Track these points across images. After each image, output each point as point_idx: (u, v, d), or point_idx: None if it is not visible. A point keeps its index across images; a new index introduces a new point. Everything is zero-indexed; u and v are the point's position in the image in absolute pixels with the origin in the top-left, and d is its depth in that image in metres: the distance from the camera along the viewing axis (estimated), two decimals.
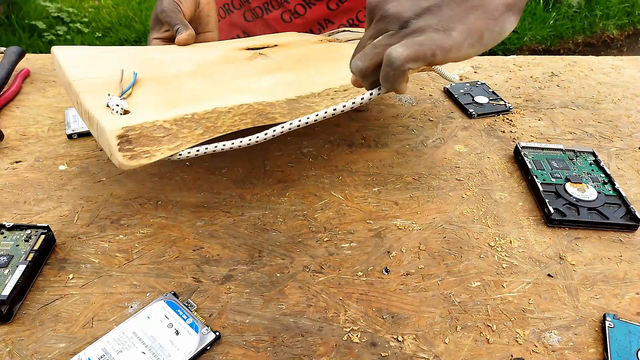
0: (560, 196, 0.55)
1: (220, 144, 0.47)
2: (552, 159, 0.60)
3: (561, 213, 0.53)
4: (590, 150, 0.62)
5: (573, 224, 0.53)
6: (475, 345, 0.42)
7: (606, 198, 0.55)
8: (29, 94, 0.73)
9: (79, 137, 0.64)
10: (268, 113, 0.51)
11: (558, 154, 0.61)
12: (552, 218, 0.52)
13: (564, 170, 0.58)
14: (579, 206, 0.54)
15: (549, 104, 0.73)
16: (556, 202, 0.54)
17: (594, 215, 0.53)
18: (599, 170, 0.59)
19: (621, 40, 2.87)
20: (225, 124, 0.48)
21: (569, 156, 0.61)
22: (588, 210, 0.53)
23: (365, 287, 0.46)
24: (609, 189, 0.56)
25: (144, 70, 0.53)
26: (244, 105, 0.51)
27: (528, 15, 2.81)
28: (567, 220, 0.52)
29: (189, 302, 0.44)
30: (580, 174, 0.58)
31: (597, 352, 0.41)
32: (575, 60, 0.85)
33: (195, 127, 0.47)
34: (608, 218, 0.52)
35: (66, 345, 0.41)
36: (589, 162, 0.60)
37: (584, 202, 0.54)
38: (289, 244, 0.50)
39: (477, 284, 0.47)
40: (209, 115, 0.49)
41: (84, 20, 2.67)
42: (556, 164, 0.59)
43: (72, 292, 0.45)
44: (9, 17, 2.53)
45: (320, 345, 0.41)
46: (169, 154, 0.45)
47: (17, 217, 0.52)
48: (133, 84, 0.50)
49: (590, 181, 0.57)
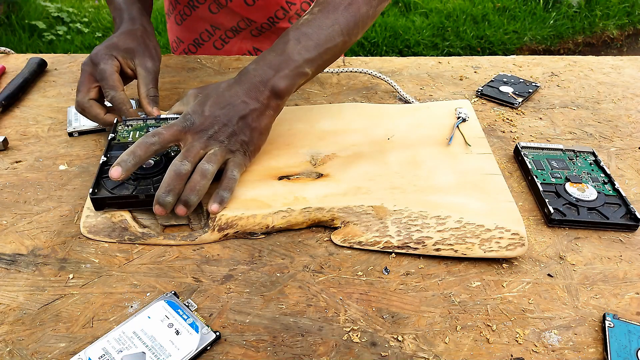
0: (560, 196, 0.55)
1: None
2: (552, 158, 0.60)
3: (561, 213, 0.53)
4: (590, 150, 0.62)
5: (573, 224, 0.52)
6: (475, 345, 0.42)
7: (606, 198, 0.55)
8: (29, 94, 0.73)
9: (79, 135, 0.64)
10: None
11: (558, 154, 0.61)
12: (552, 218, 0.52)
13: (564, 170, 0.58)
14: (579, 206, 0.54)
15: (549, 104, 0.73)
16: (556, 202, 0.54)
17: (594, 215, 0.53)
18: (599, 170, 0.59)
19: (621, 40, 2.87)
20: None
21: (569, 156, 0.61)
22: (588, 210, 0.53)
23: (365, 287, 0.46)
24: (609, 189, 0.56)
25: None
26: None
27: (528, 15, 2.81)
28: (567, 220, 0.52)
29: (189, 302, 0.44)
30: (580, 174, 0.58)
31: (597, 351, 0.41)
32: (575, 60, 0.85)
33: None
34: (608, 218, 0.52)
35: (66, 345, 0.41)
36: (589, 162, 0.60)
37: (584, 202, 0.54)
38: (289, 244, 0.51)
39: (477, 284, 0.47)
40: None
41: (84, 20, 2.67)
42: (556, 164, 0.59)
43: (72, 292, 0.45)
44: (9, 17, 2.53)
45: (320, 345, 0.41)
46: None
47: (17, 217, 0.52)
48: None
49: (590, 181, 0.57)
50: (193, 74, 0.78)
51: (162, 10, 2.63)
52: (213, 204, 0.50)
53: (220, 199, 0.51)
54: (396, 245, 0.49)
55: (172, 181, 0.48)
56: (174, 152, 0.55)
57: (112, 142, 0.56)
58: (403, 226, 0.50)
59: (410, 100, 0.72)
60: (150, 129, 0.58)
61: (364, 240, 0.50)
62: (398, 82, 0.77)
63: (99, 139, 0.64)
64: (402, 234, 0.50)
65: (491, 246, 0.49)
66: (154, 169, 0.52)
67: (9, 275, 0.46)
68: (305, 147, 0.60)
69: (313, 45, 0.54)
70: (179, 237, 0.50)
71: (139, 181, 0.52)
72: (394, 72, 0.80)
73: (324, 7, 0.56)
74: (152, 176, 0.52)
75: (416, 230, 0.50)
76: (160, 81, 0.75)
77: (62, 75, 0.77)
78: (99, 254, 0.49)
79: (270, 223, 0.51)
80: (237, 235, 0.51)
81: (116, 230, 0.50)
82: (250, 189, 0.54)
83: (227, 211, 0.51)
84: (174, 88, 0.74)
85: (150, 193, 0.50)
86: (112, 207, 0.51)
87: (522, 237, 0.49)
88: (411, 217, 0.51)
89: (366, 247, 0.50)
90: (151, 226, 0.51)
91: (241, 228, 0.50)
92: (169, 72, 0.78)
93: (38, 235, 0.50)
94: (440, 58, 0.85)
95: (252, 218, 0.51)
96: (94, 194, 0.50)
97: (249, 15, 0.85)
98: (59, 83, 0.75)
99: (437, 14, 2.74)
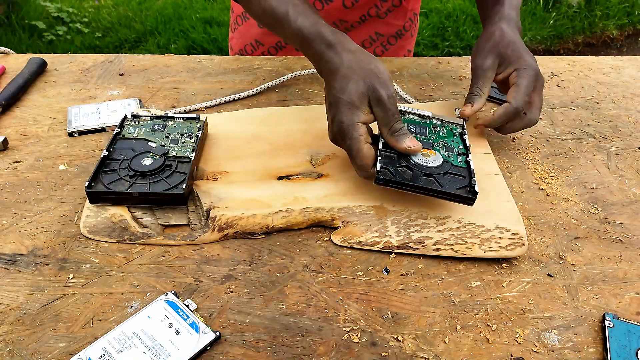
0: (400, 159, 0.52)
1: None
2: (413, 123, 0.57)
3: (391, 174, 0.49)
4: (460, 123, 0.59)
5: (400, 186, 0.49)
6: (475, 345, 0.42)
7: (451, 168, 0.52)
8: (29, 94, 0.73)
9: (79, 135, 0.64)
10: None
11: (424, 120, 0.58)
12: (378, 177, 0.49)
13: (420, 136, 0.55)
14: (416, 171, 0.50)
15: (549, 104, 0.73)
16: (390, 163, 0.51)
17: (428, 182, 0.50)
18: (460, 143, 0.56)
19: (621, 40, 2.86)
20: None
21: (434, 124, 0.58)
22: (425, 176, 0.50)
23: (365, 287, 0.46)
24: (460, 160, 0.53)
25: None
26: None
27: (528, 15, 2.80)
28: (395, 182, 0.49)
29: (189, 302, 0.44)
30: (436, 142, 0.55)
31: (596, 351, 0.41)
32: (575, 60, 0.85)
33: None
34: (442, 186, 0.49)
35: (66, 345, 0.41)
36: (453, 133, 0.57)
37: (422, 167, 0.51)
38: (289, 244, 0.51)
39: (477, 284, 0.47)
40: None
41: (84, 20, 2.66)
42: (414, 129, 0.56)
43: (72, 292, 0.45)
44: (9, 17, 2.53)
45: (320, 345, 0.41)
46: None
47: (17, 217, 0.52)
48: None
49: (444, 150, 0.54)
50: (193, 74, 0.78)
51: (162, 11, 2.63)
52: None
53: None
54: (396, 245, 0.49)
55: None
56: (174, 152, 0.55)
57: (117, 137, 0.57)
58: (403, 226, 0.50)
59: (410, 100, 0.72)
60: (156, 126, 0.58)
61: (363, 240, 0.50)
62: (398, 82, 0.77)
63: (99, 139, 0.64)
64: (401, 234, 0.50)
65: (491, 246, 0.49)
66: (152, 168, 0.52)
67: (9, 275, 0.46)
68: (305, 147, 0.60)
69: None
70: (179, 237, 0.50)
71: (136, 178, 0.52)
72: (394, 72, 0.80)
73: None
74: (149, 175, 0.52)
75: (416, 230, 0.50)
76: (160, 81, 0.75)
77: (62, 75, 0.77)
78: (99, 254, 0.49)
79: (270, 223, 0.51)
80: (237, 235, 0.51)
81: (116, 230, 0.50)
82: (250, 189, 0.54)
83: (227, 211, 0.51)
84: (174, 88, 0.74)
85: (144, 191, 0.50)
86: (107, 202, 0.51)
87: (522, 237, 0.49)
88: (411, 217, 0.51)
89: (366, 247, 0.50)
90: (151, 226, 0.51)
91: (241, 228, 0.50)
92: (169, 72, 0.78)
93: (38, 235, 0.50)
94: (440, 58, 0.85)
95: (252, 218, 0.51)
96: (90, 187, 0.50)
97: (344, 17, 0.83)
98: (59, 83, 0.75)
99: (437, 14, 2.74)
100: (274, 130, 0.62)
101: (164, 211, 0.52)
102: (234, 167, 0.57)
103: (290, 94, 0.73)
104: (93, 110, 0.67)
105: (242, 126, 0.64)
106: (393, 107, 0.50)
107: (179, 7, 2.69)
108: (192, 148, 0.56)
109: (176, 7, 2.69)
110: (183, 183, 0.51)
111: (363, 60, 0.51)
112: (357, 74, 0.50)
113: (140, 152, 0.54)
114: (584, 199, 0.57)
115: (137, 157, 0.54)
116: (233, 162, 0.58)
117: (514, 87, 0.58)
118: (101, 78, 0.76)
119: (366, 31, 0.87)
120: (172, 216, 0.52)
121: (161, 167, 0.53)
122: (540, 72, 0.59)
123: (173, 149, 0.55)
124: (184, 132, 0.58)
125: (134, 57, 0.82)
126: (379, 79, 0.50)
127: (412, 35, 0.93)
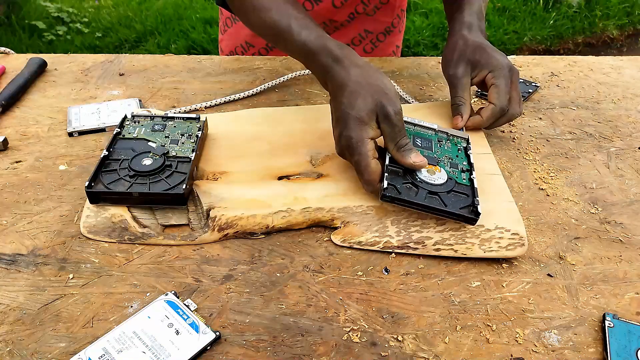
0: (406, 174, 0.51)
1: None
2: (420, 136, 0.57)
3: (396, 191, 0.49)
4: (465, 137, 0.58)
5: (406, 204, 0.49)
6: (475, 345, 0.42)
7: (455, 186, 0.51)
8: (29, 94, 0.73)
9: (79, 135, 0.64)
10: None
11: (429, 133, 0.58)
12: (384, 194, 0.49)
13: (426, 150, 0.55)
14: (421, 188, 0.50)
15: (549, 104, 0.73)
16: (396, 180, 0.50)
17: (432, 200, 0.49)
18: (464, 158, 0.56)
19: (621, 40, 2.86)
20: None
21: (439, 138, 0.58)
22: (428, 194, 0.50)
23: (365, 287, 0.46)
24: (464, 178, 0.53)
25: None
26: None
27: (528, 16, 2.80)
28: (400, 200, 0.49)
29: (189, 302, 0.44)
30: (441, 157, 0.55)
31: (596, 351, 0.41)
32: (575, 60, 0.85)
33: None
34: (446, 205, 0.49)
35: (66, 345, 0.41)
36: (457, 147, 0.57)
37: (427, 184, 0.51)
38: (289, 244, 0.51)
39: (477, 284, 0.47)
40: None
41: (84, 20, 2.66)
42: (420, 142, 0.56)
43: (72, 292, 0.45)
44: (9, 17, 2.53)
45: (320, 345, 0.41)
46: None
47: (17, 217, 0.52)
48: None
49: (448, 166, 0.54)
50: (193, 74, 0.78)
51: (162, 11, 2.63)
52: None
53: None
54: (396, 245, 0.49)
55: None
56: (175, 152, 0.55)
57: (117, 137, 0.57)
58: (403, 226, 0.50)
59: (409, 100, 0.72)
60: (156, 126, 0.58)
61: (363, 240, 0.50)
62: (398, 82, 0.77)
63: (99, 139, 0.64)
64: (401, 234, 0.50)
65: (491, 246, 0.49)
66: (152, 168, 0.52)
67: (9, 275, 0.46)
68: (305, 147, 0.60)
69: None
70: (179, 237, 0.50)
71: (136, 178, 0.52)
72: (394, 72, 0.80)
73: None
74: (149, 175, 0.52)
75: (416, 230, 0.50)
76: (160, 81, 0.75)
77: (62, 75, 0.77)
78: (99, 254, 0.49)
79: (270, 223, 0.51)
80: (237, 235, 0.51)
81: (116, 230, 0.50)
82: (250, 189, 0.54)
83: (227, 211, 0.51)
84: (174, 88, 0.74)
85: (144, 191, 0.50)
86: (107, 201, 0.51)
87: (522, 237, 0.49)
88: (411, 217, 0.51)
89: (366, 247, 0.50)
90: (151, 226, 0.51)
91: (241, 228, 0.50)
92: (169, 72, 0.78)
93: (38, 235, 0.50)
94: (440, 58, 0.85)
95: (252, 218, 0.51)
96: (90, 187, 0.50)
97: (333, 16, 0.83)
98: (59, 83, 0.75)
99: (437, 14, 2.73)
100: (274, 130, 0.62)
101: (164, 211, 0.52)
102: (234, 167, 0.57)
103: (291, 94, 0.73)
104: (93, 110, 0.67)
105: (242, 126, 0.64)
106: (400, 123, 0.51)
107: (179, 7, 2.69)
108: (192, 148, 0.56)
109: (176, 7, 2.69)
110: (183, 183, 0.51)
111: (371, 76, 0.52)
112: (365, 89, 0.51)
113: (140, 152, 0.54)
114: (584, 199, 0.57)
115: (137, 157, 0.54)
116: (233, 162, 0.58)
117: (493, 88, 0.61)
118: (101, 78, 0.76)
119: (355, 29, 0.87)
120: (172, 216, 0.52)
121: (161, 167, 0.53)
122: (512, 66, 0.62)
123: (173, 149, 0.55)
124: (184, 132, 0.58)
125: (134, 57, 0.82)
126: (387, 96, 0.51)
127: (400, 32, 0.93)
